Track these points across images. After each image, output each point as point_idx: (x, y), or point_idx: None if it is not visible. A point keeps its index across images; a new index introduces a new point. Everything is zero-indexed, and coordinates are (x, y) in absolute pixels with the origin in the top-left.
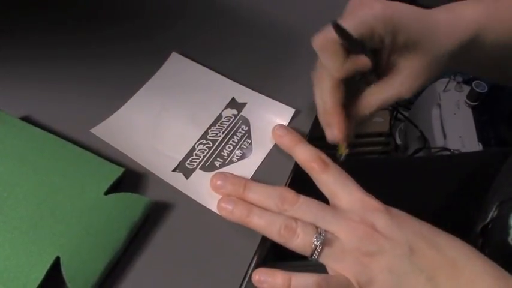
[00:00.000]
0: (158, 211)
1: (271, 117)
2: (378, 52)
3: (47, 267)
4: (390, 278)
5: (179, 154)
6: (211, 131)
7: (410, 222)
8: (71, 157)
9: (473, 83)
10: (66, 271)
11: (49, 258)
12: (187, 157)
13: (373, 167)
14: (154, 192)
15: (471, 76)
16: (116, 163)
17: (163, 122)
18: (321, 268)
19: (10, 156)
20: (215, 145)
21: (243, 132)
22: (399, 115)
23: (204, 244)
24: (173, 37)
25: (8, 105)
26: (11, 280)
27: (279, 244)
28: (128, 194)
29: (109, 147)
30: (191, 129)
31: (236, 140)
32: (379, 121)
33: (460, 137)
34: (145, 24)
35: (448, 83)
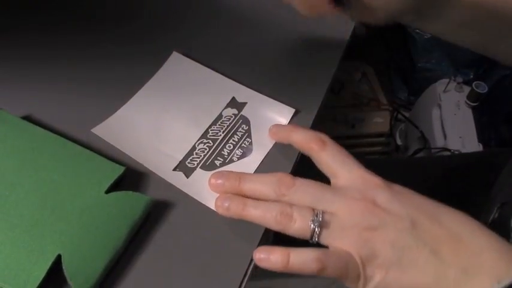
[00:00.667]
0: (159, 210)
1: (271, 117)
2: None
3: (49, 265)
4: (392, 252)
5: (180, 153)
6: (211, 130)
7: (412, 197)
8: (72, 156)
9: (473, 84)
10: (67, 269)
11: (50, 256)
12: (187, 156)
13: (373, 168)
14: (154, 191)
15: (471, 76)
16: (117, 162)
17: (164, 122)
18: None
19: (11, 155)
20: (215, 144)
21: (243, 131)
22: (399, 116)
23: (205, 243)
24: (173, 37)
25: (10, 104)
26: (13, 278)
27: (281, 241)
28: (129, 193)
29: (110, 146)
30: (191, 128)
31: (236, 139)
32: (379, 121)
33: (461, 138)
34: (145, 24)
35: (448, 84)
